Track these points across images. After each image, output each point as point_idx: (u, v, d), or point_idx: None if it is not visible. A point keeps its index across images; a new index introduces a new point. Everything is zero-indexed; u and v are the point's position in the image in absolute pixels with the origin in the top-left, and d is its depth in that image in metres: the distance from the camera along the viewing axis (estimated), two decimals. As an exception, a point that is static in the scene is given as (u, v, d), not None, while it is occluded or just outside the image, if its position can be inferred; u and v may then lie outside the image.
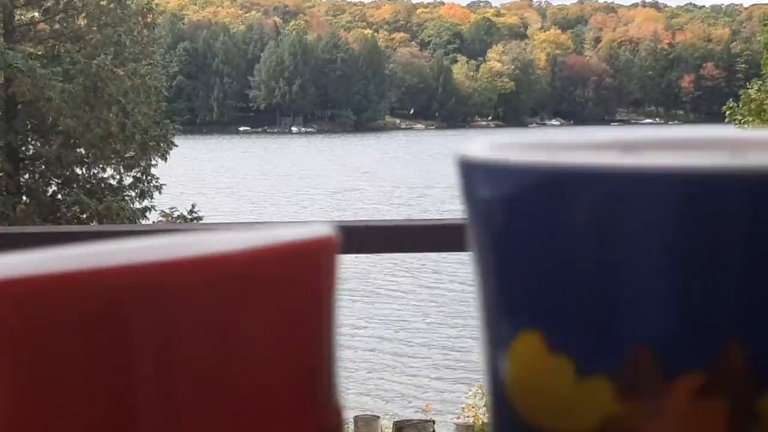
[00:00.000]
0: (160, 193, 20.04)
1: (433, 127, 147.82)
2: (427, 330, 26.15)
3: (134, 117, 19.51)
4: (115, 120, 19.30)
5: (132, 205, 20.26)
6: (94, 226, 16.98)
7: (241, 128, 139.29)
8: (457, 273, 34.23)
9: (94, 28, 20.61)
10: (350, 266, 36.41)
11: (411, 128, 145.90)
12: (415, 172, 75.48)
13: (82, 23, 21.06)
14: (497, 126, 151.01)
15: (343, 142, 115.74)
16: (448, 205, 55.99)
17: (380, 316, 28.03)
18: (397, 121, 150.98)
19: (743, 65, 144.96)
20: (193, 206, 20.84)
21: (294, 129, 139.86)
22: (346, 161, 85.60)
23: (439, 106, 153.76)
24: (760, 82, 17.75)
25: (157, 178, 19.88)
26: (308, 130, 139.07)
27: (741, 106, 17.62)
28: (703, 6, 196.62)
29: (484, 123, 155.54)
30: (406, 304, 29.97)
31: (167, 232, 1.72)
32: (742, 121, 17.68)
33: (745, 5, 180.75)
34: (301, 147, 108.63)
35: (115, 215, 18.78)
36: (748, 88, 17.91)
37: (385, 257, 37.75)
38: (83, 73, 19.29)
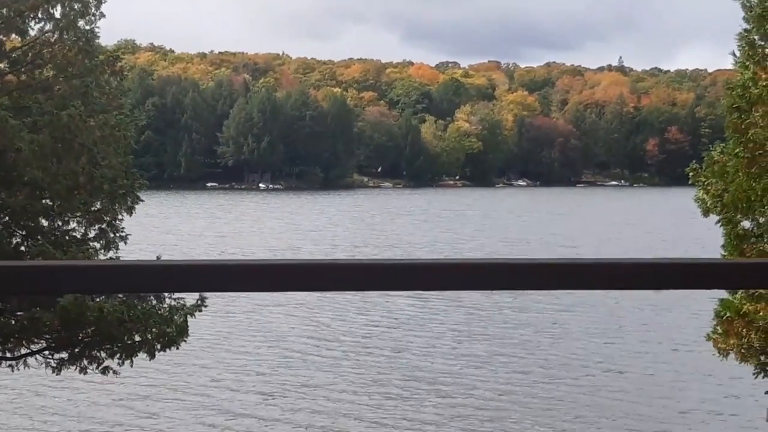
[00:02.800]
0: (125, 243, 19.89)
1: (400, 186, 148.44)
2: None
3: (102, 168, 19.39)
4: (82, 171, 19.17)
5: (97, 257, 20.05)
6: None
7: (209, 184, 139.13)
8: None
9: (62, 79, 20.53)
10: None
11: (379, 186, 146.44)
12: (362, 230, 75.27)
13: (50, 74, 20.98)
14: (464, 186, 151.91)
15: (307, 199, 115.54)
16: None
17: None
18: (365, 179, 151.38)
19: (707, 129, 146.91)
20: (158, 258, 20.67)
21: (262, 185, 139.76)
22: (300, 219, 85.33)
23: (407, 165, 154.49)
24: (723, 145, 17.95)
25: (123, 228, 19.72)
26: (276, 186, 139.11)
27: (704, 168, 17.80)
28: (668, 70, 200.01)
29: (452, 182, 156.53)
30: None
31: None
32: (706, 183, 17.86)
33: (710, 70, 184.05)
34: (263, 204, 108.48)
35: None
36: (712, 151, 18.12)
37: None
38: (52, 124, 19.18)
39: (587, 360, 30.37)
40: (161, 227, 70.26)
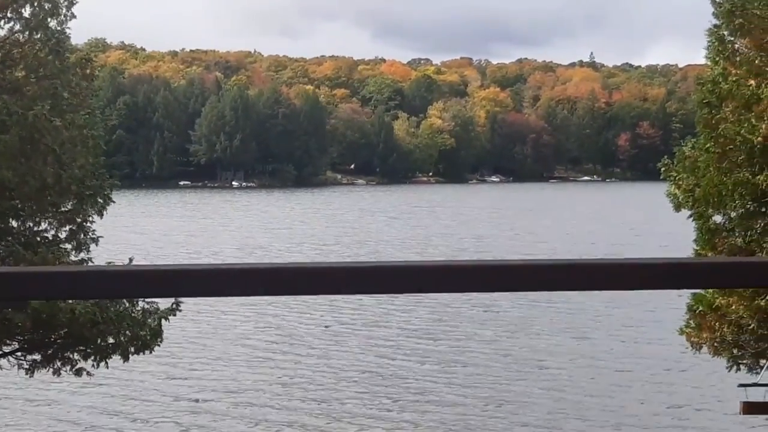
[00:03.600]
0: (96, 245, 19.73)
1: (374, 183, 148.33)
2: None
3: (71, 168, 19.22)
4: (50, 171, 19.00)
5: (68, 258, 19.90)
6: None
7: (182, 182, 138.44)
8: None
9: (32, 80, 20.35)
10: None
11: (352, 183, 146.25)
12: (332, 228, 74.90)
13: (20, 75, 20.78)
14: (438, 182, 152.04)
15: (279, 197, 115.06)
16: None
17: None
18: (339, 176, 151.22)
19: (678, 124, 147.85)
20: (131, 260, 20.54)
21: (235, 183, 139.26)
22: (270, 217, 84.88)
23: (380, 162, 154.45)
24: (695, 140, 18.03)
25: (94, 230, 19.57)
26: (249, 184, 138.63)
27: (676, 163, 17.88)
28: (639, 66, 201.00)
29: (425, 179, 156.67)
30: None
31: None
32: (677, 178, 17.94)
33: (680, 65, 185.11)
34: (235, 202, 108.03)
35: (50, 269, 18.34)
36: (683, 146, 18.20)
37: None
38: (19, 124, 19.00)
39: (558, 355, 30.47)
40: (133, 227, 69.91)
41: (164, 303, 19.42)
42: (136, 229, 69.54)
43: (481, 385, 26.54)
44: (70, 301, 18.79)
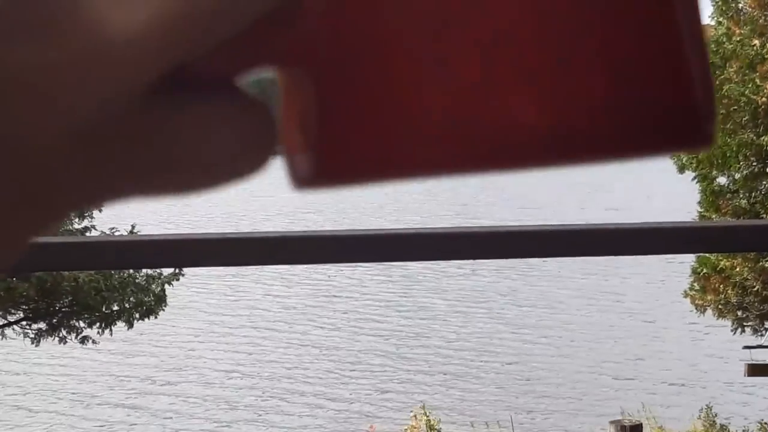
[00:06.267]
0: (100, 211, 19.79)
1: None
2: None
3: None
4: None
5: (72, 226, 19.97)
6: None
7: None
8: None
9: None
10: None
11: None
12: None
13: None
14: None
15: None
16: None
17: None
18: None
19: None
20: (133, 226, 20.56)
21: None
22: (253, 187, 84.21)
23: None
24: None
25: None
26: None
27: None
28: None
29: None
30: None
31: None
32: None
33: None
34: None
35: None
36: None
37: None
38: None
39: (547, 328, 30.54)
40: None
41: (167, 269, 19.48)
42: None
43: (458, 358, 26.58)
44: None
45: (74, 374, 24.35)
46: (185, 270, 19.74)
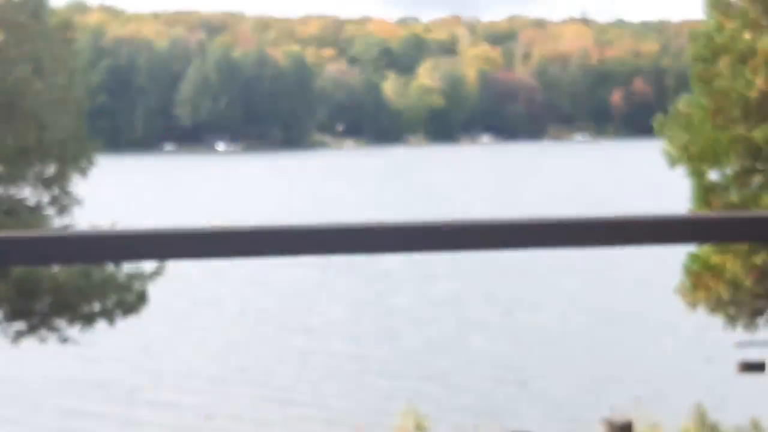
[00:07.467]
0: (80, 207, 19.50)
1: (363, 144, 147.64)
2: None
3: (53, 131, 18.93)
4: (32, 134, 18.71)
5: (52, 223, 19.65)
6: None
7: (167, 147, 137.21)
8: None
9: (12, 44, 19.99)
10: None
11: (341, 145, 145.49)
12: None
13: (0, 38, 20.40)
14: (428, 143, 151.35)
15: (264, 161, 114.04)
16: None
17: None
18: (327, 138, 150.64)
19: (672, 80, 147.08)
20: (113, 225, 20.17)
21: (220, 147, 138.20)
22: (258, 182, 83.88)
23: (370, 123, 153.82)
24: (689, 96, 17.73)
25: (76, 195, 19.35)
26: (234, 148, 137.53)
27: (670, 119, 17.57)
28: (633, 22, 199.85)
29: (415, 140, 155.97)
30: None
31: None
32: (672, 136, 17.62)
33: (674, 21, 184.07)
34: (221, 167, 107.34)
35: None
36: (677, 103, 17.89)
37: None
38: (-1, 88, 18.65)
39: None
40: (116, 191, 69.48)
41: (148, 267, 19.21)
42: (119, 193, 69.21)
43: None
44: (54, 270, 18.55)
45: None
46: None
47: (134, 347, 26.43)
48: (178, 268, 19.89)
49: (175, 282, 21.96)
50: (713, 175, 17.19)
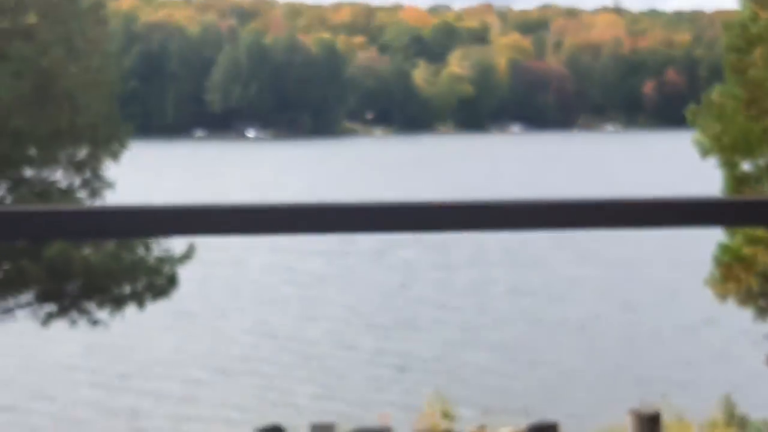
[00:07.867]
0: (112, 191, 19.59)
1: (393, 133, 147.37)
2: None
3: (85, 114, 19.01)
4: (65, 117, 18.78)
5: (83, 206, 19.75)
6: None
7: (197, 133, 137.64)
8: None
9: (45, 25, 20.06)
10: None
11: (371, 133, 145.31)
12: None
13: (32, 20, 20.48)
14: (458, 132, 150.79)
15: (295, 149, 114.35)
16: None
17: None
18: (356, 126, 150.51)
19: (705, 71, 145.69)
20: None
21: (250, 133, 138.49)
22: (270, 172, 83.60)
23: (399, 112, 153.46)
24: (722, 86, 17.59)
25: (108, 178, 19.41)
26: (264, 135, 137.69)
27: (703, 110, 17.44)
28: (665, 12, 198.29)
29: (445, 129, 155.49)
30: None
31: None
32: (704, 126, 17.50)
33: (708, 11, 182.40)
34: (252, 154, 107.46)
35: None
36: (711, 93, 17.75)
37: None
38: (33, 70, 18.74)
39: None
40: (146, 177, 69.87)
41: (178, 250, 19.26)
42: (149, 178, 69.62)
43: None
44: (86, 251, 18.67)
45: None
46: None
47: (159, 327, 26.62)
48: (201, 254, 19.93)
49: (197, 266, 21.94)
50: (745, 166, 17.07)
